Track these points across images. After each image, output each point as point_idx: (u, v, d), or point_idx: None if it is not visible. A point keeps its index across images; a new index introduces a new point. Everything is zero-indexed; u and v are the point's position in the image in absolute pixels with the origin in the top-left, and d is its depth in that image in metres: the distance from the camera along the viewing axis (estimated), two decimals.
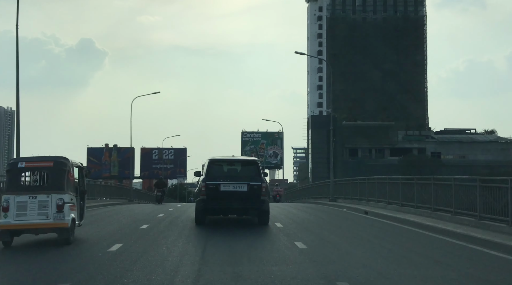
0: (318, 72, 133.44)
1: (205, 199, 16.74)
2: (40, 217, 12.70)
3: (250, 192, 16.70)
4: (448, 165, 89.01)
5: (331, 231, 17.01)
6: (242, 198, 16.75)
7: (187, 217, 20.57)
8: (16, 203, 12.65)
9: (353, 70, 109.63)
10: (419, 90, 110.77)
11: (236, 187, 16.72)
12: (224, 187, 16.66)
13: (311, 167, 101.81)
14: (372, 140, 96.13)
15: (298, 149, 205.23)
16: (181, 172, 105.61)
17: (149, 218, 20.40)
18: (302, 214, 23.55)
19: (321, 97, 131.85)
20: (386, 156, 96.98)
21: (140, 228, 16.93)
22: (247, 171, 17.56)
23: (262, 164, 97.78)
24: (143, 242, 13.38)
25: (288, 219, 20.20)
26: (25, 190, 13.04)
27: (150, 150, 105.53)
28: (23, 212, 12.67)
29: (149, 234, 15.09)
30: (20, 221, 12.63)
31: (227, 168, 17.86)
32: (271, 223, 17.87)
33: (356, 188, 30.37)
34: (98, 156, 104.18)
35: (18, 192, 12.83)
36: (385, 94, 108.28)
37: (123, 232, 15.61)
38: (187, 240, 13.80)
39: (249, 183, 16.78)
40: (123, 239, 13.88)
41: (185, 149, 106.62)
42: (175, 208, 27.71)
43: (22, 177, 13.43)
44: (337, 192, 35.53)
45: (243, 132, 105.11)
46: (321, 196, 41.03)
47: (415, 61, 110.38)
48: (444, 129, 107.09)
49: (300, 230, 16.61)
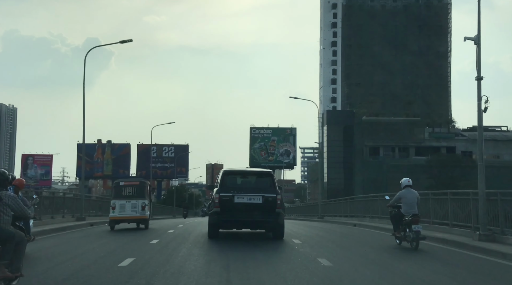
0: (332, 65, 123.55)
1: (219, 211, 16.41)
2: (132, 213, 23.37)
3: (265, 204, 16.38)
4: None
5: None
6: (257, 210, 16.36)
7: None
8: (119, 205, 23.40)
9: (370, 62, 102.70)
10: (442, 84, 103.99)
11: (251, 199, 16.40)
12: (238, 198, 16.37)
13: (327, 167, 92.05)
14: (395, 138, 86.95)
15: (306, 149, 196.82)
16: (183, 171, 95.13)
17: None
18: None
19: (335, 92, 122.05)
20: (411, 155, 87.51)
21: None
22: (262, 183, 17.23)
23: (273, 163, 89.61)
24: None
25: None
26: (124, 197, 23.72)
27: (148, 147, 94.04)
28: (123, 209, 23.27)
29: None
30: (121, 214, 23.25)
31: (241, 180, 17.74)
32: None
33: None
34: (90, 153, 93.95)
35: (120, 198, 23.62)
36: (406, 88, 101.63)
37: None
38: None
39: (264, 195, 16.46)
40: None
41: (186, 146, 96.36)
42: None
43: (122, 190, 24.26)
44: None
45: (251, 128, 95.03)
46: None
47: (438, 52, 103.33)
48: (473, 127, 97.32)
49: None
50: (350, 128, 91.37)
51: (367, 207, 30.09)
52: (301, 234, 19.87)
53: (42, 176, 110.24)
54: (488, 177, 18.07)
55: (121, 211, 23.23)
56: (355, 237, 19.89)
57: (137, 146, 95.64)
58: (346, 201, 36.97)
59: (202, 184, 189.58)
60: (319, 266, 10.91)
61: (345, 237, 19.81)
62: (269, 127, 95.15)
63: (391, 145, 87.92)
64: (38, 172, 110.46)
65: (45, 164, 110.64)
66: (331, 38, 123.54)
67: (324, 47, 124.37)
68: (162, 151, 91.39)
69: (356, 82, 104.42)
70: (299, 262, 11.53)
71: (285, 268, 10.63)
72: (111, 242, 16.81)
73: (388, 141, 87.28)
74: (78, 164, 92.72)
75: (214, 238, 16.87)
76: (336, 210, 39.33)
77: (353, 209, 33.73)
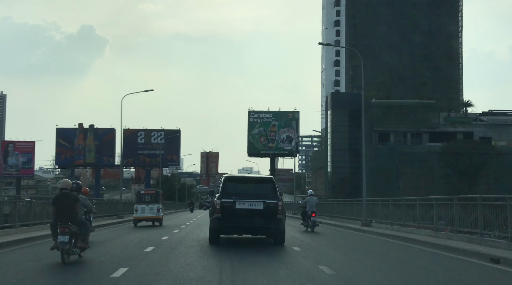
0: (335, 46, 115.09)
1: (220, 217, 16.53)
2: (150, 213, 30.92)
3: (266, 210, 16.49)
4: (504, 153, 72.32)
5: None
6: (258, 216, 16.46)
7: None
8: (140, 208, 30.99)
9: (376, 43, 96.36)
10: (452, 66, 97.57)
11: (252, 205, 16.51)
12: (239, 204, 16.49)
13: (331, 155, 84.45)
14: (407, 123, 79.49)
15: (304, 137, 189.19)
16: (174, 159, 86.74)
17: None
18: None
19: (338, 75, 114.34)
20: (424, 142, 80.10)
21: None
22: (263, 189, 17.25)
23: (273, 150, 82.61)
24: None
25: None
26: (144, 203, 31.37)
27: (135, 132, 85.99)
28: (143, 211, 30.87)
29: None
30: (142, 215, 30.92)
31: (242, 186, 17.59)
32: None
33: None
34: (70, 139, 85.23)
35: (141, 203, 31.35)
36: (415, 70, 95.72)
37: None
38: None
39: (265, 201, 16.57)
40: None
41: (178, 131, 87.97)
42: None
43: (142, 197, 31.93)
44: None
45: (250, 112, 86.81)
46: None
47: (449, 32, 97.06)
48: (489, 111, 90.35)
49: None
50: (357, 113, 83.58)
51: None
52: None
53: (24, 164, 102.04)
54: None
55: (142, 213, 31.09)
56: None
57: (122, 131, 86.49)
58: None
59: (197, 173, 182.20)
60: None
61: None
62: (269, 111, 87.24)
63: (403, 130, 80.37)
64: (20, 160, 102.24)
65: (27, 151, 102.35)
66: (334, 17, 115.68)
67: (327, 27, 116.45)
68: (151, 136, 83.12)
69: (362, 64, 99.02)
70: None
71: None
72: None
73: (400, 127, 79.76)
74: (57, 151, 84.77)
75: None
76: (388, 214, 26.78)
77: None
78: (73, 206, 12.24)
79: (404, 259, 14.39)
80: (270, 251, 15.44)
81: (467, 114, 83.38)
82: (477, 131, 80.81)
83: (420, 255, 15.02)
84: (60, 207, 12.21)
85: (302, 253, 14.77)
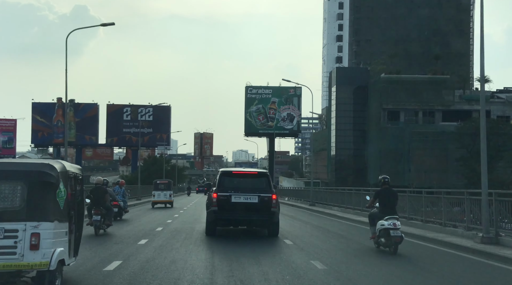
0: (338, 19, 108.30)
1: (216, 210, 17.30)
2: (164, 198, 40.96)
3: (260, 203, 17.21)
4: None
5: None
6: (253, 209, 17.23)
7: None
8: (156, 193, 41.32)
9: (382, 16, 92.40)
10: (463, 41, 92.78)
11: (247, 199, 17.24)
12: (235, 198, 17.22)
13: (335, 135, 78.00)
14: (419, 100, 73.25)
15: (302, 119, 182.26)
16: (164, 138, 79.46)
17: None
18: None
19: (341, 51, 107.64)
20: (437, 121, 73.81)
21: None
22: (258, 183, 17.93)
23: (273, 129, 77.28)
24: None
25: None
26: (159, 189, 41.46)
27: (120, 108, 78.57)
28: (159, 196, 41.01)
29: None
30: (158, 199, 40.97)
31: (238, 180, 18.17)
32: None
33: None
34: (48, 115, 77.84)
35: (157, 190, 41.52)
36: (423, 45, 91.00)
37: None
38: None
39: (259, 194, 17.27)
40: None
41: (168, 107, 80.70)
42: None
43: (158, 185, 42.10)
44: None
45: (247, 87, 79.66)
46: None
47: (460, 4, 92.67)
48: (504, 89, 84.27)
49: None
50: (363, 89, 77.36)
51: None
52: None
53: (5, 144, 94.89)
54: None
55: (158, 197, 41.15)
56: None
57: (106, 106, 79.41)
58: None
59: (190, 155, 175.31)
60: None
61: None
62: (268, 86, 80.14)
63: (414, 108, 74.00)
64: (0, 139, 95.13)
65: (8, 129, 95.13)
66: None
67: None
68: (138, 112, 76.00)
69: (366, 38, 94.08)
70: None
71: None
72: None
73: (411, 104, 73.35)
74: (34, 128, 77.42)
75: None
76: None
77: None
78: (103, 196, 18.71)
79: None
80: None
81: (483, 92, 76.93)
82: (495, 110, 74.51)
83: None
84: (95, 196, 18.36)
85: None
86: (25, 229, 7.94)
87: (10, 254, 7.87)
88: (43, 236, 8.00)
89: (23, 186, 8.12)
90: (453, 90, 74.10)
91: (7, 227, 7.91)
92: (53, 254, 8.14)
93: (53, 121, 77.80)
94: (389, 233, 13.81)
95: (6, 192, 8.12)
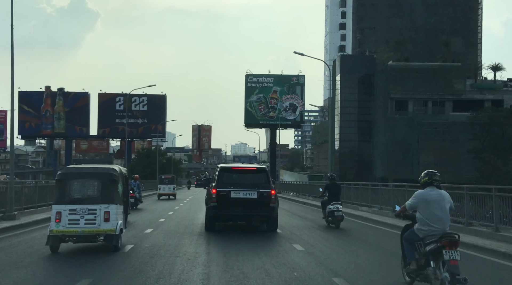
0: (341, 6, 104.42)
1: (216, 206, 17.58)
2: (168, 191, 47.97)
3: (259, 199, 17.52)
4: None
5: None
6: (252, 204, 17.53)
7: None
8: (162, 187, 48.67)
9: (387, 3, 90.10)
10: (471, 29, 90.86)
11: (246, 194, 17.54)
12: (234, 194, 17.52)
13: (339, 126, 74.41)
14: (428, 89, 69.74)
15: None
16: (159, 129, 75.42)
17: None
18: None
19: (344, 39, 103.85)
20: (447, 111, 70.31)
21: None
22: (257, 178, 18.18)
23: (274, 120, 73.36)
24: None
25: None
26: (164, 183, 48.84)
27: (112, 97, 74.51)
28: (164, 190, 48.21)
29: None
30: (163, 191, 48.03)
31: (237, 175, 18.51)
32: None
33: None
34: (36, 104, 73.82)
35: (162, 184, 48.94)
36: (428, 34, 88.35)
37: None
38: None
39: (258, 190, 17.56)
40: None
41: (163, 96, 76.74)
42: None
43: (163, 180, 49.73)
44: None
45: (247, 76, 75.65)
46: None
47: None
48: None
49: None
50: (369, 78, 73.76)
51: None
52: None
53: None
54: None
55: (163, 190, 47.12)
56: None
57: (98, 95, 75.25)
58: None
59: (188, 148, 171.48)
60: None
61: None
62: (270, 75, 76.16)
63: (424, 98, 70.60)
64: None
65: None
66: None
67: None
68: (132, 102, 72.17)
69: (370, 26, 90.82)
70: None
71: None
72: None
73: (420, 94, 69.82)
74: (21, 119, 73.18)
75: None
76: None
77: None
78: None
79: None
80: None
81: (497, 80, 73.27)
82: (508, 99, 71.16)
83: None
84: None
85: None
86: (101, 209, 12.60)
87: (92, 223, 12.57)
88: (111, 213, 12.70)
89: (98, 182, 12.88)
90: (464, 78, 70.51)
91: (90, 207, 12.53)
92: (117, 224, 12.77)
93: (41, 111, 73.55)
94: (334, 213, 19.28)
95: (89, 186, 12.90)
